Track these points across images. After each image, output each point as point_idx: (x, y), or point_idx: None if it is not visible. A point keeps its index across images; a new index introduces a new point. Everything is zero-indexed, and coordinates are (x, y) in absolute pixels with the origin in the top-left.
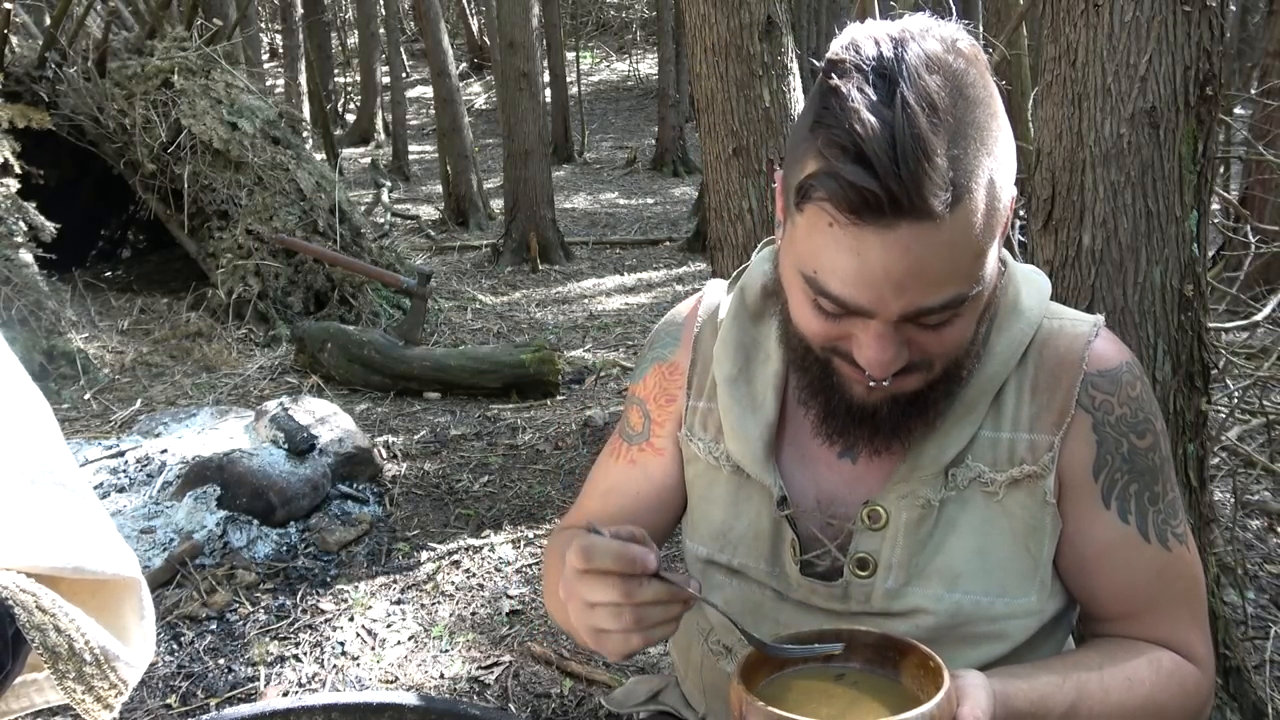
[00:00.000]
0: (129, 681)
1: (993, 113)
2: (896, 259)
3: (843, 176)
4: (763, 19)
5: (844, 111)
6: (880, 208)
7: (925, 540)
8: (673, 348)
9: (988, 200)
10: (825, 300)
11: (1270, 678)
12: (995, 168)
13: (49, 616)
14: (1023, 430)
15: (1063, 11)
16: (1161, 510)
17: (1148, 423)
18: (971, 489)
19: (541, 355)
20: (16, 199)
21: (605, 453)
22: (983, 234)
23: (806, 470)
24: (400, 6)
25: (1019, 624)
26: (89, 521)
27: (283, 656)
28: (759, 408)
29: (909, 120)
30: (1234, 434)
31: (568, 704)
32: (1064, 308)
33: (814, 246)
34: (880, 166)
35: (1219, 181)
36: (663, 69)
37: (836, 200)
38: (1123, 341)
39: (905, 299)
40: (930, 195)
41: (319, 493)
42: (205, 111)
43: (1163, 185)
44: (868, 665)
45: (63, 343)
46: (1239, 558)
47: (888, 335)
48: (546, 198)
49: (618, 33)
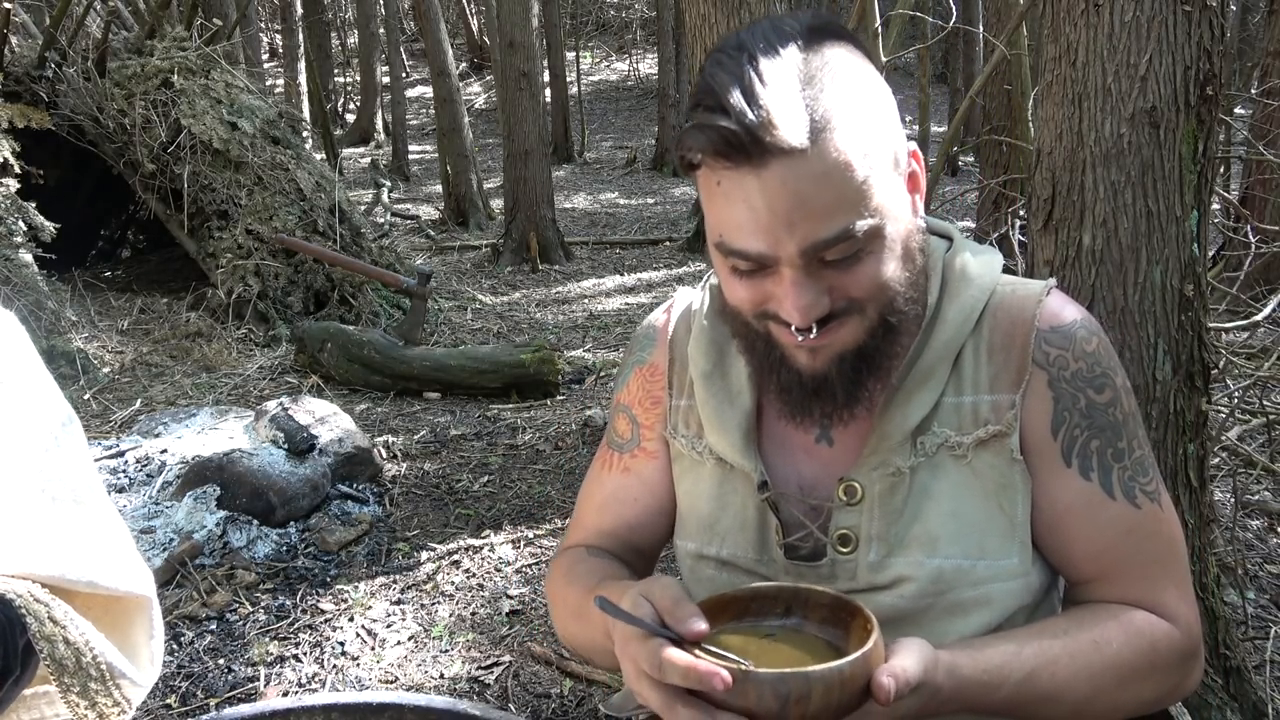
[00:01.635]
0: (132, 700)
1: (854, 63)
2: (776, 195)
3: (706, 125)
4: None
5: (705, 80)
6: (743, 146)
7: (900, 509)
8: (650, 349)
9: (861, 136)
10: (737, 259)
11: (1270, 678)
12: (863, 110)
13: (59, 628)
14: (984, 392)
15: (1063, 11)
16: (1128, 467)
17: (1105, 377)
18: (940, 454)
19: (541, 355)
20: (16, 199)
21: (597, 466)
22: (860, 167)
23: (785, 456)
24: (400, 6)
25: (1003, 587)
26: (106, 537)
27: (283, 656)
28: (735, 398)
29: (754, 68)
30: (1234, 434)
31: (568, 704)
32: (1017, 278)
33: (713, 210)
34: (735, 108)
35: (1219, 181)
36: (663, 69)
37: (706, 150)
38: (1124, 341)
39: (798, 235)
40: (786, 126)
41: (319, 493)
42: (205, 111)
43: (1163, 185)
44: (821, 625)
45: (63, 343)
46: (1239, 558)
47: (800, 280)
48: (546, 198)
49: (618, 33)
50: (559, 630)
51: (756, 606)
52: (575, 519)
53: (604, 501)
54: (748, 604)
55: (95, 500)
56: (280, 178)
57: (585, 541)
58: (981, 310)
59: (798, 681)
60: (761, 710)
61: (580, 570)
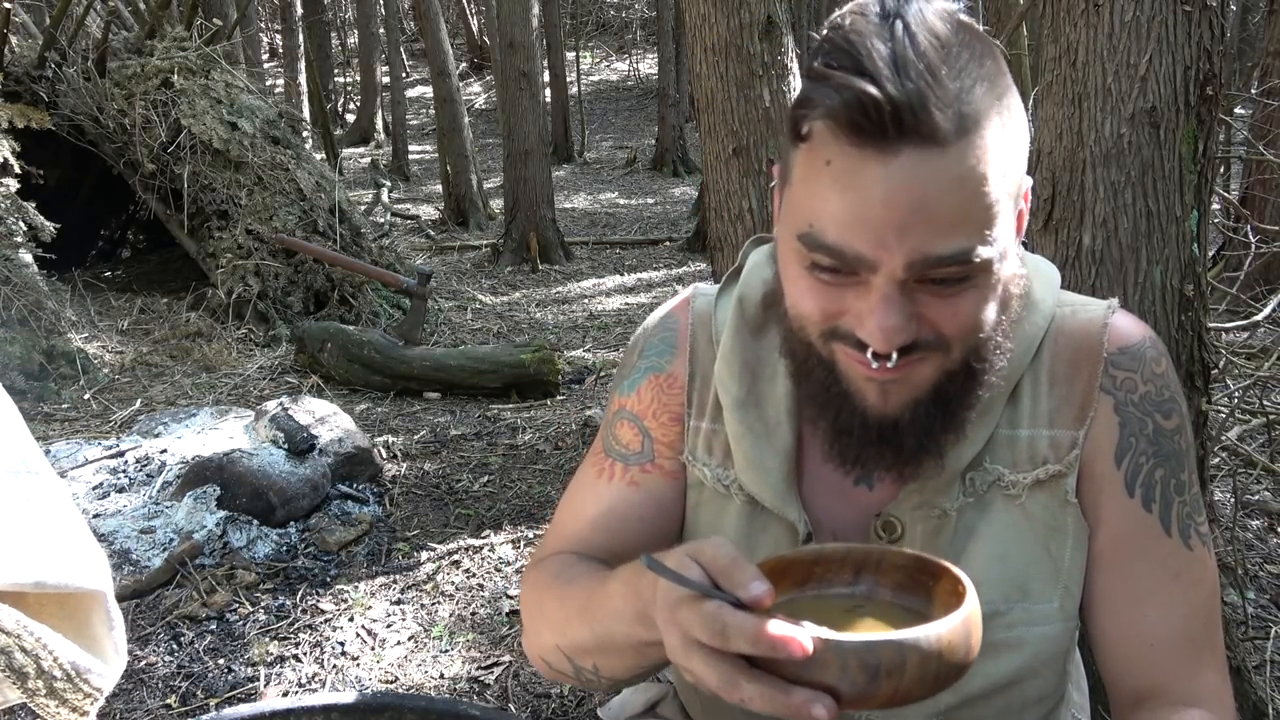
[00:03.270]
0: (103, 690)
1: (1005, 75)
2: (899, 190)
3: (841, 85)
4: (763, 19)
5: (842, 37)
6: (882, 120)
7: (944, 551)
8: (668, 356)
9: (1001, 154)
10: (823, 255)
11: (1270, 678)
12: (1008, 126)
13: (13, 639)
14: (1042, 426)
15: (1063, 11)
16: (1186, 503)
17: (1174, 402)
18: (991, 493)
19: (541, 355)
20: (16, 199)
21: (589, 474)
22: (995, 184)
23: (823, 499)
24: (400, 6)
25: (1038, 631)
26: (53, 532)
27: (283, 656)
28: (774, 433)
29: (912, 41)
30: (1234, 434)
31: (568, 704)
32: (1075, 295)
33: (810, 195)
34: (882, 75)
35: (1219, 181)
36: (663, 69)
37: (835, 115)
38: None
39: (909, 242)
40: (935, 110)
41: (319, 493)
42: (205, 111)
43: (1163, 185)
44: (897, 591)
45: (63, 343)
46: (1239, 558)
47: (893, 297)
48: (546, 198)
49: (618, 33)
50: (550, 641)
51: (820, 571)
52: (558, 529)
53: (600, 515)
54: (810, 568)
55: (41, 488)
56: (280, 178)
57: (571, 552)
58: (1042, 337)
59: (889, 650)
60: (846, 685)
61: (579, 569)
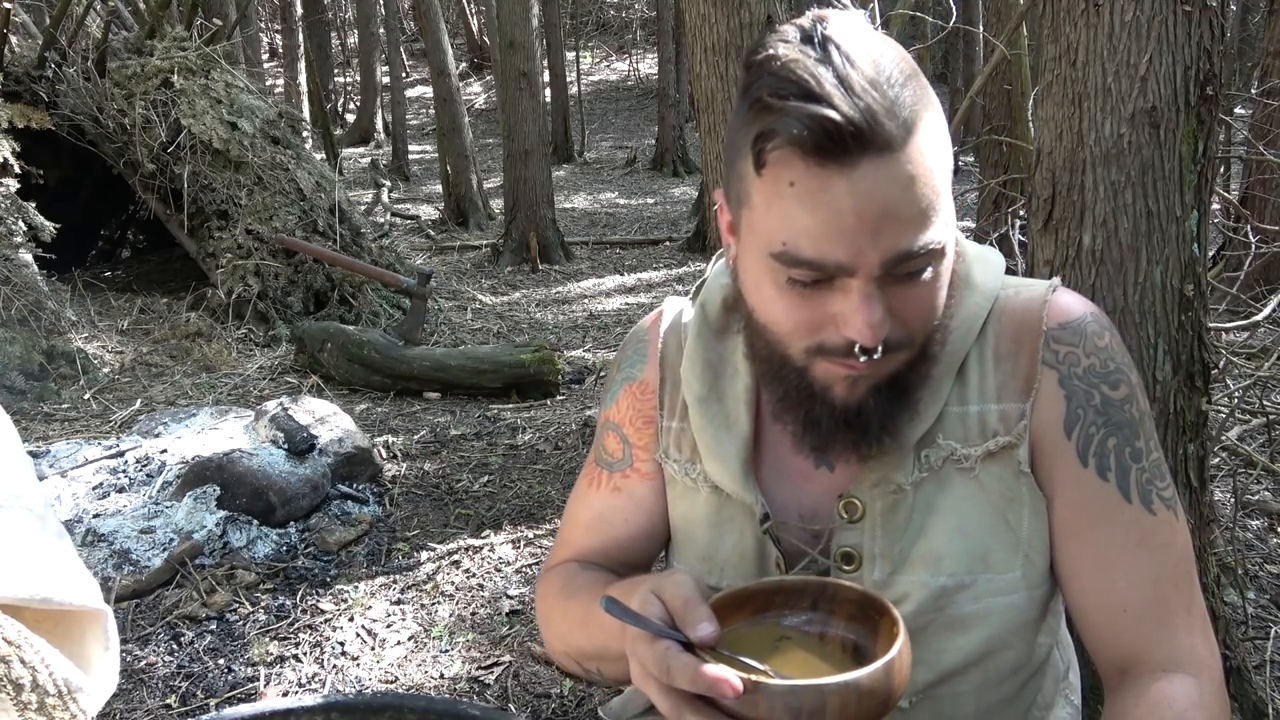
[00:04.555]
0: (89, 712)
1: (916, 68)
2: (866, 198)
3: (799, 112)
4: (763, 19)
5: (781, 66)
6: (842, 139)
7: (904, 526)
8: (640, 365)
9: (936, 145)
10: (800, 271)
11: (1270, 678)
12: (934, 117)
13: (14, 648)
14: (990, 401)
15: (1063, 11)
16: (1145, 469)
17: (1120, 373)
18: (946, 468)
19: (541, 355)
20: (16, 199)
21: (583, 484)
22: (938, 175)
23: (784, 483)
24: (400, 6)
25: (1004, 601)
26: (55, 551)
27: (283, 656)
28: (733, 425)
29: (848, 60)
30: (1234, 434)
31: (568, 704)
32: (1020, 279)
33: (778, 217)
34: (834, 97)
35: (1219, 181)
36: (663, 69)
37: (797, 140)
38: (1122, 340)
39: (883, 243)
40: (887, 120)
41: (319, 493)
42: (205, 111)
43: (1163, 185)
44: (848, 622)
45: (63, 343)
46: (1239, 558)
47: (873, 294)
48: (546, 198)
49: (618, 33)
50: (559, 647)
51: (781, 600)
52: (562, 537)
53: (592, 521)
54: (771, 597)
55: (40, 509)
56: (280, 178)
57: (575, 559)
58: (985, 316)
59: (811, 695)
60: None
61: (580, 583)
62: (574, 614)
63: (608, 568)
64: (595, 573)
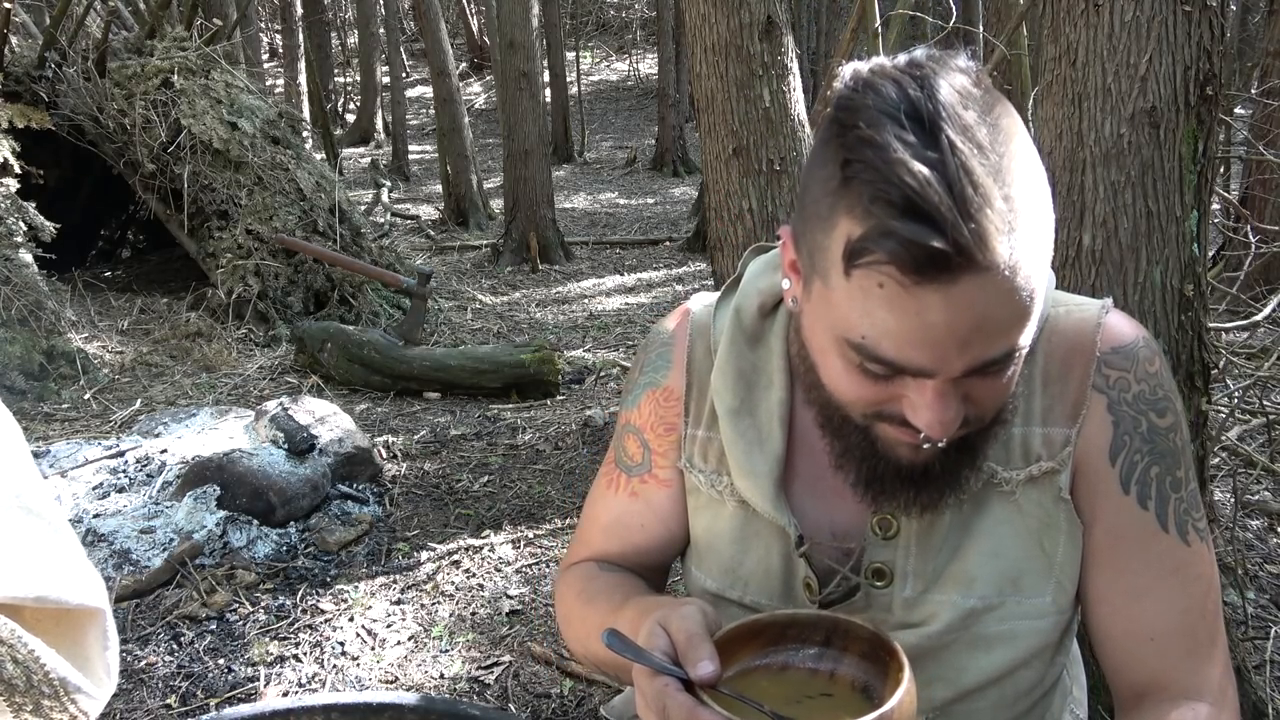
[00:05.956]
0: (90, 713)
1: (1026, 141)
2: (961, 315)
3: (901, 234)
4: (763, 19)
5: (886, 163)
6: (947, 265)
7: (939, 545)
8: (665, 371)
9: (1040, 238)
10: (876, 365)
11: (1270, 678)
12: (1039, 197)
13: (6, 649)
14: (1035, 424)
15: (1063, 11)
16: (1184, 499)
17: (1168, 400)
18: (985, 489)
19: (541, 355)
20: (16, 199)
21: (601, 484)
22: (1035, 276)
23: (818, 502)
24: (400, 6)
25: (1030, 625)
26: (54, 548)
27: (283, 656)
28: (765, 441)
29: (962, 165)
30: (1234, 434)
31: (568, 704)
32: (1070, 295)
33: (861, 311)
34: (944, 221)
35: (1219, 181)
36: (663, 69)
37: (899, 262)
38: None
39: (969, 355)
40: (997, 244)
41: (319, 493)
42: (205, 111)
43: (1163, 185)
44: (859, 660)
45: (63, 343)
46: (1239, 558)
47: (949, 393)
48: (546, 198)
49: (618, 33)
50: (578, 650)
51: (794, 633)
52: (580, 536)
53: (609, 524)
54: (784, 630)
55: (42, 507)
56: (280, 178)
57: (593, 559)
58: (1036, 337)
59: None
60: None
61: (598, 586)
62: (591, 622)
63: (627, 567)
64: (614, 574)
